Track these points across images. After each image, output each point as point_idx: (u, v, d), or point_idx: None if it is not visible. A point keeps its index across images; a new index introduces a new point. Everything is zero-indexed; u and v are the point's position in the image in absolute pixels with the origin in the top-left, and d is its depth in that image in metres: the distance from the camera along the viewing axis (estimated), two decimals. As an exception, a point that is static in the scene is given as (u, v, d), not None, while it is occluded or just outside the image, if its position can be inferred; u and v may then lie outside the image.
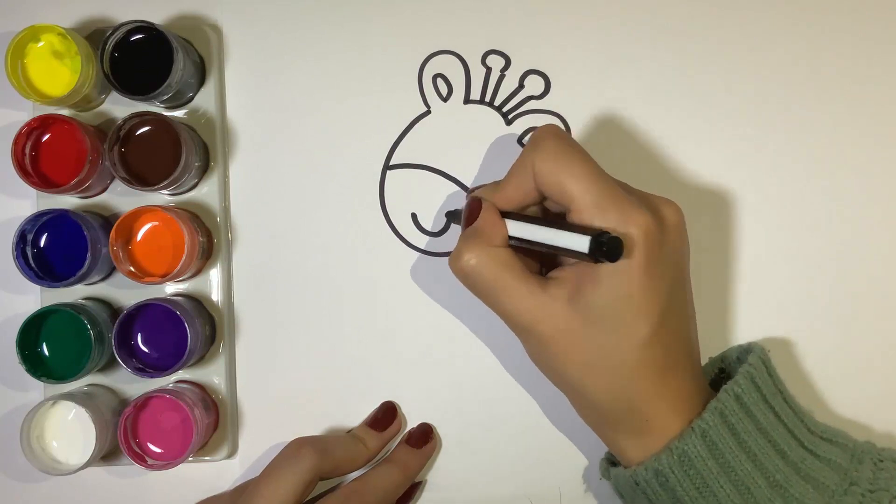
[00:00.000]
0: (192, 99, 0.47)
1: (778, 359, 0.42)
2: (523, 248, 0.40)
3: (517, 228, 0.40)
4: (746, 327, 0.47)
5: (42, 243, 0.45)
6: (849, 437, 0.40)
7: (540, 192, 0.40)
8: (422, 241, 0.48)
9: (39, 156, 0.45)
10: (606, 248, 0.35)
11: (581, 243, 0.36)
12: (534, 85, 0.48)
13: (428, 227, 0.48)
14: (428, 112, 0.48)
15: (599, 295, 0.37)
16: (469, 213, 0.41)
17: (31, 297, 0.46)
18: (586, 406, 0.41)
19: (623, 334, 0.37)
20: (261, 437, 0.47)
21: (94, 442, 0.43)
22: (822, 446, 0.39)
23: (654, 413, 0.38)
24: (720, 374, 0.44)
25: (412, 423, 0.47)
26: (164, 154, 0.44)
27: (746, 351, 0.42)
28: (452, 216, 0.46)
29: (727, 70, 0.48)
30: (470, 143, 0.48)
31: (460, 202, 0.48)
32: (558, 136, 0.39)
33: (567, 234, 0.37)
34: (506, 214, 0.40)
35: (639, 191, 0.40)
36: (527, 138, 0.47)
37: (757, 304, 0.47)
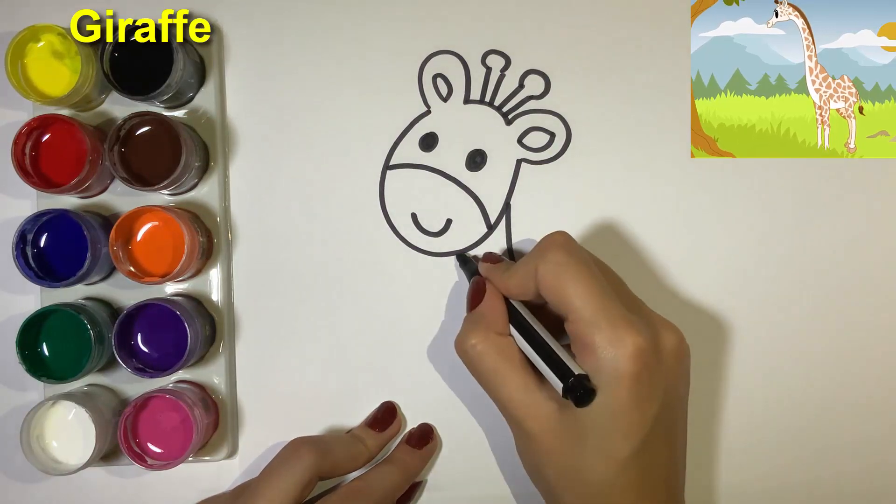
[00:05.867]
0: (192, 99, 0.47)
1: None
2: None
3: (513, 331, 0.41)
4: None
5: (42, 243, 0.45)
6: None
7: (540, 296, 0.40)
8: (422, 240, 0.48)
9: (39, 156, 0.45)
10: (579, 394, 0.37)
11: (556, 382, 0.38)
12: (534, 85, 0.48)
13: (427, 227, 0.48)
14: (428, 112, 0.48)
15: (586, 409, 0.37)
16: (474, 294, 0.42)
17: (31, 297, 0.46)
18: None
19: (602, 451, 0.37)
20: (261, 437, 0.47)
21: (94, 442, 0.43)
22: None
23: None
24: None
25: (412, 423, 0.47)
26: (164, 154, 0.44)
27: None
28: (462, 261, 0.47)
29: (727, 70, 0.48)
30: (470, 143, 0.48)
31: (460, 203, 0.48)
32: (564, 246, 0.40)
33: (546, 368, 0.38)
34: (510, 308, 0.42)
35: (646, 310, 0.41)
36: (526, 138, 0.47)
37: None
